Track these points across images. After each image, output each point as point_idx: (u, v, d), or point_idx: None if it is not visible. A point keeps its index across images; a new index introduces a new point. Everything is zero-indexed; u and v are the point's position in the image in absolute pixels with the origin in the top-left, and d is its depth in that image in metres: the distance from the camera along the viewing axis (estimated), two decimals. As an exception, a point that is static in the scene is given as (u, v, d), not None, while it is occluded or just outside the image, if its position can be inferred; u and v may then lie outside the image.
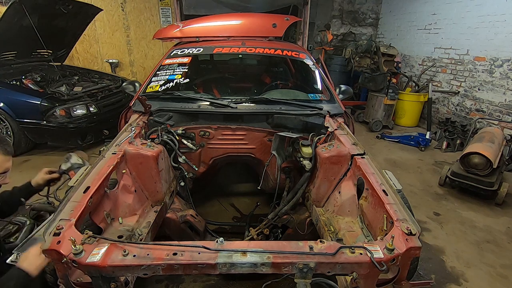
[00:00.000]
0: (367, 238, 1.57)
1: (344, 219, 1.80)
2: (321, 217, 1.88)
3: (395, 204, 1.39)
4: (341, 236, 1.65)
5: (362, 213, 1.66)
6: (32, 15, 3.83)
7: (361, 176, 1.69)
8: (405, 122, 6.09)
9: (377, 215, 1.49)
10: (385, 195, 1.45)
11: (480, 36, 4.92)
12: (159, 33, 3.44)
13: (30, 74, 4.43)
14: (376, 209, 1.51)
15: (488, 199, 3.31)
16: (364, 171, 1.64)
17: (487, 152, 3.17)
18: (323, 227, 1.78)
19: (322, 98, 2.64)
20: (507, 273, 2.33)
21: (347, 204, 1.82)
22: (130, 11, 6.75)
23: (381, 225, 1.40)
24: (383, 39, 7.46)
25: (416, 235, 1.23)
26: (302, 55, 3.02)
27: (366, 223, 1.63)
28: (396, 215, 1.32)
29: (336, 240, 1.60)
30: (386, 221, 1.37)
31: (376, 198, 1.49)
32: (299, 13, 4.60)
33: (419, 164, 4.30)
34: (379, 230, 1.43)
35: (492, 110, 4.78)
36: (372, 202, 1.56)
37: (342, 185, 1.89)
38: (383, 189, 1.49)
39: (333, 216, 1.86)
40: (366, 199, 1.64)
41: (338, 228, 1.73)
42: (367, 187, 1.62)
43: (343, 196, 1.85)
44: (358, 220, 1.71)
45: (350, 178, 1.86)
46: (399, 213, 1.33)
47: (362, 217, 1.67)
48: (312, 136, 2.14)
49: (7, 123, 3.85)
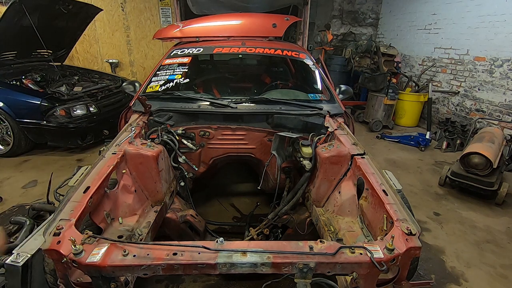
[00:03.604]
0: (367, 238, 1.57)
1: (344, 219, 1.80)
2: (321, 217, 1.88)
3: (395, 204, 1.39)
4: (341, 236, 1.65)
5: (362, 213, 1.66)
6: (32, 15, 3.83)
7: (361, 176, 1.70)
8: (405, 122, 6.09)
9: (377, 215, 1.49)
10: (385, 195, 1.45)
11: (480, 36, 4.92)
12: (159, 33, 3.44)
13: (30, 74, 4.43)
14: (376, 209, 1.51)
15: (488, 199, 3.31)
16: (364, 171, 1.64)
17: (487, 152, 3.17)
18: (323, 227, 1.78)
19: (322, 98, 2.64)
20: (507, 273, 2.33)
21: (347, 204, 1.82)
22: (130, 11, 6.75)
23: (381, 225, 1.41)
24: (383, 39, 7.46)
25: (416, 235, 1.23)
26: (302, 55, 3.02)
27: (366, 223, 1.63)
28: (396, 215, 1.32)
29: (336, 240, 1.60)
30: (386, 221, 1.37)
31: (376, 198, 1.49)
32: (299, 13, 4.60)
33: (419, 164, 4.30)
34: (379, 230, 1.43)
35: (492, 110, 4.78)
36: (372, 202, 1.56)
37: (342, 185, 1.89)
38: (383, 189, 1.49)
39: (333, 216, 1.86)
40: (366, 199, 1.64)
41: (338, 228, 1.73)
42: (367, 187, 1.62)
43: (343, 196, 1.85)
44: (358, 220, 1.71)
45: (350, 178, 1.86)
46: (399, 213, 1.33)
47: (362, 217, 1.67)
48: (312, 136, 2.14)
49: (7, 123, 3.84)
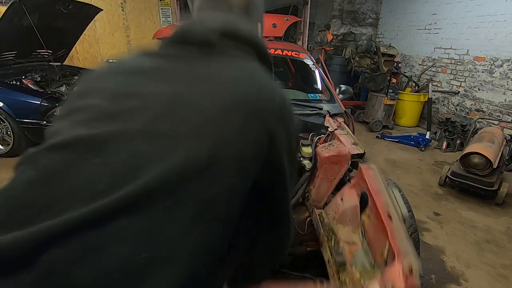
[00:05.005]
0: (366, 255, 1.53)
1: (344, 228, 1.75)
2: (321, 222, 1.84)
3: (399, 235, 1.34)
4: (340, 250, 1.62)
5: (363, 227, 1.62)
6: (32, 15, 3.83)
7: (365, 190, 1.64)
8: (405, 122, 6.09)
9: (379, 237, 1.43)
10: (390, 220, 1.38)
11: (480, 36, 4.92)
12: (159, 33, 3.45)
13: (30, 74, 4.42)
14: (378, 232, 1.44)
15: (488, 199, 3.31)
16: (370, 187, 1.56)
17: (487, 152, 3.17)
18: (323, 235, 1.75)
19: (322, 98, 2.64)
20: (507, 273, 2.33)
21: (348, 213, 1.76)
22: (130, 11, 6.75)
23: (381, 250, 1.38)
24: (383, 39, 7.46)
25: (416, 272, 1.21)
26: (302, 55, 3.02)
27: (366, 239, 1.59)
28: (399, 249, 1.28)
29: (336, 260, 1.56)
30: (388, 251, 1.33)
31: (379, 221, 1.43)
32: (299, 13, 4.60)
33: (419, 164, 4.29)
34: (379, 254, 1.40)
35: (492, 110, 4.78)
36: (375, 223, 1.50)
37: (345, 191, 1.84)
38: (388, 213, 1.42)
39: (333, 223, 1.82)
40: (369, 217, 1.57)
41: (338, 238, 1.70)
42: (371, 205, 1.56)
43: (345, 203, 1.80)
44: (359, 233, 1.66)
45: (354, 187, 1.79)
46: (402, 246, 1.29)
47: (363, 232, 1.63)
48: (312, 136, 2.14)
49: (7, 123, 3.85)
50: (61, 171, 0.49)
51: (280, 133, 0.59)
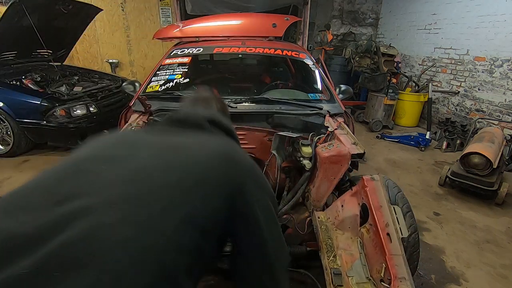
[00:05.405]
0: (363, 268, 1.53)
1: (343, 235, 1.74)
2: (320, 226, 1.83)
3: (397, 258, 1.32)
4: (338, 259, 1.60)
5: (362, 239, 1.60)
6: (32, 15, 3.83)
7: (367, 204, 1.61)
8: (405, 122, 6.09)
9: (377, 255, 1.43)
10: (389, 241, 1.37)
11: (480, 36, 4.92)
12: (159, 33, 3.45)
13: (30, 74, 4.42)
14: (376, 249, 1.45)
15: (488, 199, 3.31)
16: (371, 202, 1.53)
17: (487, 152, 3.17)
18: (321, 242, 1.73)
19: (322, 98, 2.64)
20: (507, 273, 2.33)
21: (348, 220, 1.74)
22: (130, 11, 6.75)
23: (378, 267, 1.37)
24: (383, 39, 7.46)
25: None
26: (302, 55, 3.02)
27: (364, 251, 1.58)
28: (396, 273, 1.26)
29: (333, 273, 1.54)
30: (385, 269, 1.33)
31: (378, 239, 1.42)
32: (299, 13, 4.60)
33: (419, 164, 4.30)
34: (376, 270, 1.40)
35: (492, 110, 4.78)
36: (374, 239, 1.49)
37: (346, 199, 1.82)
38: (388, 232, 1.40)
39: (333, 228, 1.81)
40: (368, 232, 1.56)
41: (336, 245, 1.67)
42: (371, 222, 1.54)
43: (345, 211, 1.79)
44: (358, 243, 1.65)
45: (355, 195, 1.78)
46: (399, 270, 1.28)
47: (362, 243, 1.61)
48: (312, 136, 2.14)
49: (7, 123, 3.85)
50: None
51: (250, 188, 0.77)
